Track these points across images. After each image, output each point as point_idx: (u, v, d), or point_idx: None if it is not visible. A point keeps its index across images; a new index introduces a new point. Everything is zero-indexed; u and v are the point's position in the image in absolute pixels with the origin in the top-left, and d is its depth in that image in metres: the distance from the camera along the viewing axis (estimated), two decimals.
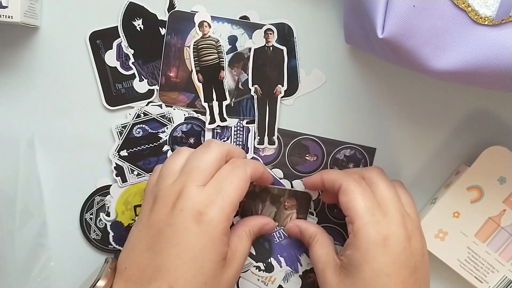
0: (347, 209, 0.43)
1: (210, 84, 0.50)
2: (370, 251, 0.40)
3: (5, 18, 0.44)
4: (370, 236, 0.40)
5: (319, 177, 0.47)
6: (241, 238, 0.45)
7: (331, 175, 0.46)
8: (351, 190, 0.43)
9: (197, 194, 0.40)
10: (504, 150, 0.48)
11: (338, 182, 0.44)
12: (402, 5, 0.38)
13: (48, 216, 0.51)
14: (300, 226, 0.48)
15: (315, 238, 0.47)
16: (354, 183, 0.43)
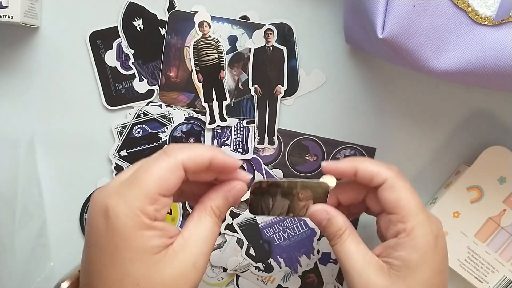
0: (396, 207, 0.38)
1: (210, 84, 0.50)
2: (428, 251, 0.37)
3: (5, 18, 0.44)
4: (427, 235, 0.38)
5: (352, 165, 0.40)
6: (197, 221, 0.37)
7: (369, 166, 0.39)
8: (401, 186, 0.38)
9: (109, 186, 0.35)
10: (504, 150, 0.48)
11: (381, 176, 0.39)
12: (402, 5, 0.38)
13: (48, 216, 0.51)
14: (330, 212, 0.40)
15: (346, 232, 0.39)
16: (402, 178, 0.39)
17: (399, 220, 0.38)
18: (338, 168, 0.40)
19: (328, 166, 0.40)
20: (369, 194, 0.41)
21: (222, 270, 0.51)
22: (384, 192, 0.39)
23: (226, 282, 0.51)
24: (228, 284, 0.51)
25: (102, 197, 0.34)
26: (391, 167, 0.39)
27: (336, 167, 0.40)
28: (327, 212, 0.40)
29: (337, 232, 0.40)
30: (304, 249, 0.50)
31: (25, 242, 0.48)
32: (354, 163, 0.40)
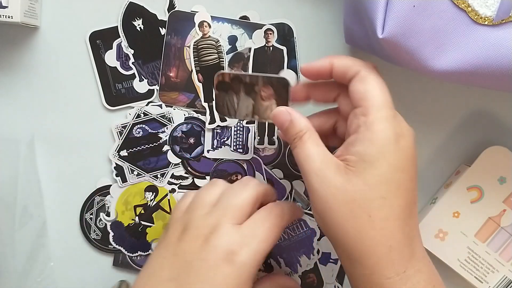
0: (362, 99, 0.37)
1: (210, 84, 0.50)
2: (386, 145, 0.36)
3: (5, 18, 0.44)
4: (387, 130, 0.36)
5: (327, 61, 0.40)
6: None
7: (344, 60, 0.39)
8: (372, 79, 0.38)
9: (233, 233, 0.38)
10: (504, 150, 0.48)
11: (355, 68, 0.38)
12: (402, 5, 0.38)
13: (48, 216, 0.51)
14: (292, 114, 0.40)
15: (306, 134, 0.39)
16: (374, 73, 0.38)
17: (362, 113, 0.37)
18: (315, 65, 0.40)
19: (306, 66, 0.41)
20: (341, 94, 0.41)
21: None
22: (355, 83, 0.38)
23: None
24: None
25: (225, 241, 0.38)
26: (368, 63, 0.39)
27: (312, 65, 0.40)
28: (290, 114, 0.40)
29: (298, 134, 0.39)
30: (304, 249, 0.50)
31: (25, 242, 0.48)
32: (330, 58, 0.40)
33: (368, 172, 0.36)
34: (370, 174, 0.36)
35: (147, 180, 0.50)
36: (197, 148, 0.50)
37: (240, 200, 0.40)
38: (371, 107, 0.37)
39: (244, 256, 0.38)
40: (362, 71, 0.38)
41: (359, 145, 0.37)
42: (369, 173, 0.36)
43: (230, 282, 0.37)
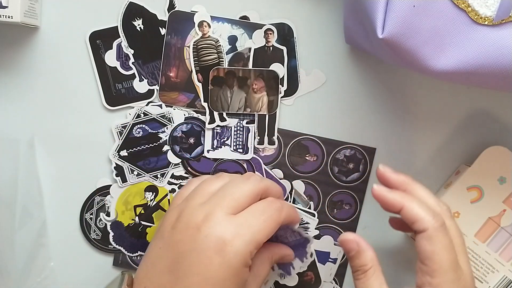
0: (428, 259, 0.38)
1: None
2: None
3: (5, 18, 0.44)
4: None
5: (400, 202, 0.40)
6: (264, 264, 0.44)
7: (415, 210, 0.39)
8: (439, 241, 0.38)
9: (226, 222, 0.39)
10: (504, 150, 0.48)
11: (424, 224, 0.39)
12: (402, 5, 0.38)
13: (48, 216, 0.51)
14: (361, 245, 0.41)
15: (371, 269, 0.40)
16: (443, 231, 0.39)
17: (428, 273, 0.38)
18: (386, 198, 0.41)
19: (378, 192, 0.41)
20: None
21: None
22: (422, 241, 0.39)
23: None
24: None
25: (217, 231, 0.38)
26: (437, 217, 0.39)
27: (385, 196, 0.41)
28: (358, 244, 0.41)
29: (363, 267, 0.40)
30: (297, 252, 0.49)
31: (25, 242, 0.48)
32: (402, 200, 0.40)
33: None
34: None
35: (147, 180, 0.50)
36: (197, 148, 0.50)
37: (239, 191, 0.41)
38: (437, 271, 0.38)
39: (237, 246, 0.38)
40: (430, 229, 0.38)
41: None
42: None
43: (225, 273, 0.38)
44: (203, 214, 0.39)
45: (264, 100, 0.49)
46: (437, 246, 0.38)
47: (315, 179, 0.51)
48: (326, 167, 0.51)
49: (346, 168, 0.51)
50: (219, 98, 0.48)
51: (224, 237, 0.38)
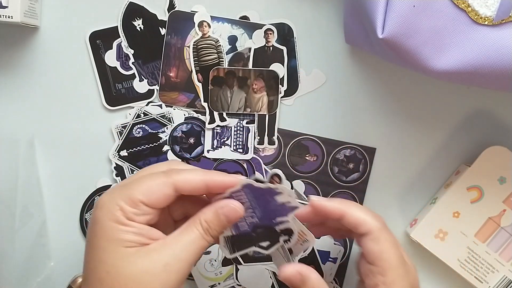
0: (377, 259, 0.39)
1: None
2: None
3: (5, 18, 0.44)
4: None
5: (339, 209, 0.40)
6: (183, 229, 0.38)
7: (356, 214, 0.39)
8: (385, 239, 0.39)
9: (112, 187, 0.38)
10: (504, 150, 0.48)
11: (367, 226, 0.39)
12: (402, 5, 0.38)
13: (48, 216, 0.51)
14: (303, 273, 0.39)
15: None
16: (387, 231, 0.40)
17: (379, 273, 0.39)
18: (325, 207, 0.40)
19: (316, 203, 0.40)
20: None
21: (221, 265, 0.51)
22: (368, 242, 0.39)
23: (224, 276, 0.51)
24: (227, 278, 0.51)
25: (102, 195, 0.38)
26: (378, 218, 0.40)
27: (324, 205, 0.40)
28: (300, 274, 0.39)
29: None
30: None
31: (25, 242, 0.48)
32: (341, 207, 0.40)
33: None
34: None
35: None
36: (197, 148, 0.50)
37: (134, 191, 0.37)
38: (388, 269, 0.38)
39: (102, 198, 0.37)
40: (374, 231, 0.39)
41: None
42: None
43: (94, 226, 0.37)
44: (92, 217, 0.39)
45: (264, 100, 0.49)
46: (384, 245, 0.39)
47: (315, 179, 0.51)
48: (326, 167, 0.51)
49: (346, 168, 0.51)
50: (219, 98, 0.48)
51: (101, 197, 0.38)
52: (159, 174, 0.38)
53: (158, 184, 0.37)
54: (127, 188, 0.37)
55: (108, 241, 0.36)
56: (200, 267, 0.51)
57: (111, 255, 0.36)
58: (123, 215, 0.36)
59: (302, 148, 0.51)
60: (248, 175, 0.50)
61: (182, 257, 0.36)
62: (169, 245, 0.37)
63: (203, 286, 0.52)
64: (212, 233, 0.38)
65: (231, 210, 0.39)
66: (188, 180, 0.38)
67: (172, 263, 0.36)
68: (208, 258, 0.51)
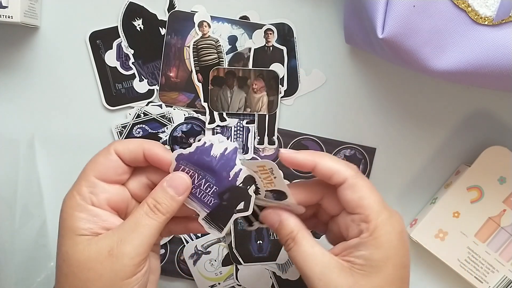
0: (358, 207, 0.38)
1: None
2: (391, 248, 0.37)
3: (5, 18, 0.44)
4: (390, 233, 0.37)
5: (311, 159, 0.39)
6: (130, 214, 0.38)
7: (328, 163, 0.38)
8: (362, 185, 0.38)
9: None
10: (504, 150, 0.48)
11: (342, 174, 0.38)
12: (402, 5, 0.38)
13: (48, 216, 0.51)
14: (281, 215, 0.39)
15: (298, 234, 0.39)
16: (362, 176, 0.38)
17: (362, 220, 0.38)
18: (296, 158, 0.39)
19: (286, 155, 0.39)
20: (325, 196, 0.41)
21: (221, 265, 0.51)
22: (346, 191, 0.38)
23: (224, 276, 0.51)
24: (227, 278, 0.51)
25: None
26: (350, 165, 0.39)
27: (294, 157, 0.39)
28: (278, 215, 0.39)
29: (290, 235, 0.39)
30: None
31: (25, 242, 0.48)
32: (313, 158, 0.39)
33: (376, 275, 0.37)
34: (377, 277, 0.37)
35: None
36: None
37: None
38: (370, 214, 0.37)
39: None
40: (349, 178, 0.38)
41: (365, 250, 0.37)
42: (377, 276, 0.37)
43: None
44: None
45: (264, 100, 0.49)
46: (362, 191, 0.38)
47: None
48: None
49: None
50: (219, 98, 0.48)
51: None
52: (103, 148, 0.40)
53: (102, 155, 0.39)
54: (81, 172, 0.39)
55: (65, 229, 0.37)
56: (200, 267, 0.51)
57: (66, 243, 0.37)
58: (81, 200, 0.37)
59: (302, 148, 0.51)
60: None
61: (127, 240, 0.36)
62: (116, 230, 0.37)
63: (203, 286, 0.52)
64: (162, 209, 0.37)
65: (177, 178, 0.38)
66: (127, 146, 0.39)
67: (116, 247, 0.36)
68: (208, 258, 0.51)
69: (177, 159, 0.38)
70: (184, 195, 0.38)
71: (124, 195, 0.40)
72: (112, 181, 0.39)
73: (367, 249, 0.37)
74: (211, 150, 0.38)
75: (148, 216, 0.37)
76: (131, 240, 0.36)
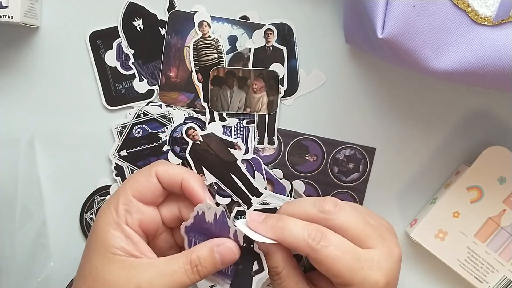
0: (331, 276, 0.37)
1: None
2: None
3: (5, 18, 0.44)
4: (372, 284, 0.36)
5: (272, 229, 0.37)
6: (172, 258, 0.38)
7: (292, 236, 0.37)
8: (324, 257, 0.36)
9: None
10: (504, 150, 0.48)
11: (303, 250, 0.36)
12: (402, 5, 0.38)
13: (48, 216, 0.51)
14: (270, 248, 0.38)
15: (285, 270, 0.38)
16: (327, 247, 0.36)
17: (340, 283, 0.37)
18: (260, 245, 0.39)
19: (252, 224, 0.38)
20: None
21: None
22: (313, 262, 0.37)
23: None
24: None
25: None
26: (313, 231, 0.36)
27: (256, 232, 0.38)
28: (267, 248, 0.39)
29: (275, 269, 0.38)
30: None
31: (25, 242, 0.48)
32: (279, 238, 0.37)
33: None
34: None
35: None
36: None
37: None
38: (343, 283, 0.36)
39: (103, 205, 0.41)
40: (309, 254, 0.36)
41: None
42: None
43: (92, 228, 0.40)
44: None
45: (264, 100, 0.49)
46: (326, 264, 0.36)
47: (315, 179, 0.51)
48: (326, 167, 0.51)
49: (346, 168, 0.51)
50: (219, 98, 0.48)
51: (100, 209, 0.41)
52: (145, 168, 0.41)
53: (143, 175, 0.40)
54: (120, 187, 0.40)
55: (98, 244, 0.38)
56: None
57: (97, 257, 0.37)
58: (117, 217, 0.38)
59: (302, 148, 0.51)
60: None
61: (155, 284, 0.36)
62: (151, 268, 0.37)
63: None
64: (201, 273, 0.37)
65: (227, 249, 0.38)
66: (167, 170, 0.40)
67: (144, 286, 0.36)
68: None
69: (186, 232, 0.39)
70: (225, 266, 0.38)
71: (156, 218, 0.41)
72: (148, 202, 0.40)
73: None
74: (205, 217, 0.39)
75: (186, 275, 0.37)
76: (159, 286, 0.36)
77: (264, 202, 0.50)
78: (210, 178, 0.49)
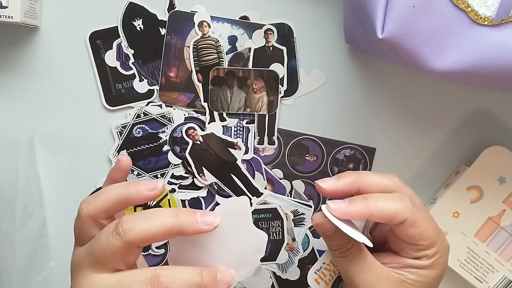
0: (420, 240, 0.38)
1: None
2: (443, 269, 0.40)
3: (5, 18, 0.44)
4: (444, 257, 0.39)
5: (364, 207, 0.37)
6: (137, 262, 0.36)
7: (384, 208, 0.37)
8: (420, 219, 0.37)
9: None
10: (504, 150, 0.48)
11: (401, 216, 0.37)
12: (402, 5, 0.38)
13: (48, 216, 0.51)
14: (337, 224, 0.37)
15: (354, 245, 0.38)
16: (417, 209, 0.37)
17: (421, 249, 0.38)
18: (340, 188, 0.39)
19: (329, 189, 0.39)
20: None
21: None
22: (405, 229, 0.38)
23: None
24: None
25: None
26: (404, 198, 0.38)
27: (346, 211, 0.37)
28: (333, 227, 0.38)
29: (344, 246, 0.38)
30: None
31: (25, 242, 0.48)
32: (368, 205, 0.37)
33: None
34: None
35: (147, 180, 0.50)
36: None
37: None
38: (431, 244, 0.38)
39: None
40: (409, 217, 0.37)
41: (422, 269, 0.38)
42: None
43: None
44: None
45: (264, 100, 0.49)
46: (422, 226, 0.38)
47: (315, 179, 0.51)
48: (326, 167, 0.51)
49: (346, 168, 0.51)
50: (219, 98, 0.49)
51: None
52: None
53: (110, 188, 0.36)
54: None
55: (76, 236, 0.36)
56: None
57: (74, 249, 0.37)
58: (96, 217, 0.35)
59: (302, 148, 0.51)
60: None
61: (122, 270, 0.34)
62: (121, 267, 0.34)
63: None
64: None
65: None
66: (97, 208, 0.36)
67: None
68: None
69: None
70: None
71: None
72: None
73: (424, 270, 0.39)
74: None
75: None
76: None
77: (264, 202, 0.50)
78: (210, 178, 0.49)
